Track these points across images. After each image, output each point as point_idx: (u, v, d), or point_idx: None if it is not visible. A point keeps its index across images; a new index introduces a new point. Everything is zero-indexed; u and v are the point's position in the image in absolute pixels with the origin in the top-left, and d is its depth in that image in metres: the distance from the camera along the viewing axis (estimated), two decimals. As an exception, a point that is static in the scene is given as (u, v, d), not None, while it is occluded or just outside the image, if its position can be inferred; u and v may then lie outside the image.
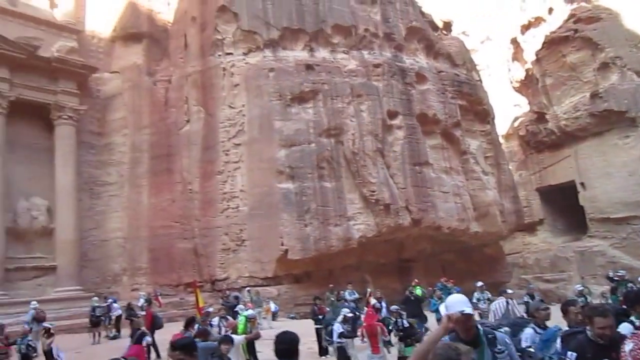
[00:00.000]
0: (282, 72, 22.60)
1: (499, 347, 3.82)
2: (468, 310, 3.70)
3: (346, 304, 16.02)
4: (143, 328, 11.56)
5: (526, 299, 15.31)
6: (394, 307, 12.94)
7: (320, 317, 14.36)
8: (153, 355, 14.36)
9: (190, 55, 24.61)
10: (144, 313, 19.06)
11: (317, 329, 13.95)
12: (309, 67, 23.07)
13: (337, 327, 11.51)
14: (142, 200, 24.35)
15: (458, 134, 26.40)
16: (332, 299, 17.85)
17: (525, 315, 10.56)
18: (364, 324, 11.95)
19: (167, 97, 25.10)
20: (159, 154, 24.49)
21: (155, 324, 14.78)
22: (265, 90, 22.32)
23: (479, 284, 17.10)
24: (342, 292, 18.59)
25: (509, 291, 14.14)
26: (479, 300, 16.08)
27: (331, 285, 19.66)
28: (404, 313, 12.63)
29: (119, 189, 24.78)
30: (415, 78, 25.58)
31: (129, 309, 17.81)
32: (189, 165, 23.58)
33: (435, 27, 30.40)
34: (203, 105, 23.65)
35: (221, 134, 22.71)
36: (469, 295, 16.23)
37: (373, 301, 16.46)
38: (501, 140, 33.73)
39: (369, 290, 19.10)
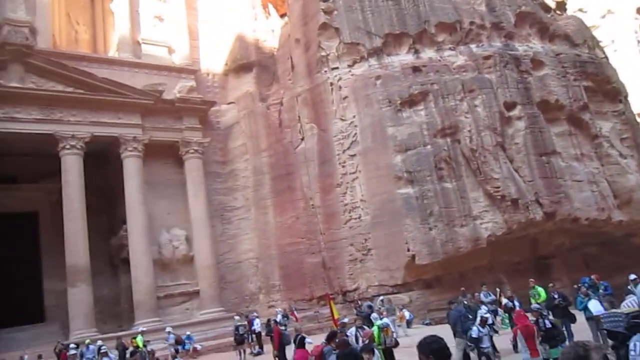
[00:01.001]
0: (389, 78, 22.52)
1: None
2: None
3: (459, 307, 15.20)
4: (303, 334, 11.96)
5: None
6: (535, 306, 12.14)
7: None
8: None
9: (298, 76, 25.42)
10: (282, 328, 19.74)
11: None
12: (415, 69, 22.77)
13: (475, 331, 11.08)
14: (269, 220, 25.43)
15: (586, 117, 24.51)
16: (465, 302, 17.13)
17: None
18: (518, 325, 11.25)
19: (281, 119, 26.12)
20: (279, 174, 25.47)
21: (282, 341, 15.28)
22: (374, 98, 22.36)
23: (633, 276, 15.41)
24: (477, 294, 17.80)
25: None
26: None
27: (463, 289, 18.90)
28: (546, 312, 11.80)
29: (246, 212, 26.12)
30: (530, 65, 24.25)
31: (268, 326, 18.42)
32: (308, 181, 24.21)
33: (547, 9, 28.61)
34: (315, 121, 24.23)
35: (336, 147, 23.08)
36: (620, 290, 14.73)
37: (504, 300, 15.60)
38: (638, 119, 30.67)
39: (497, 290, 18.16)
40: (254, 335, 19.29)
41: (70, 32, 27.85)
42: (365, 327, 13.69)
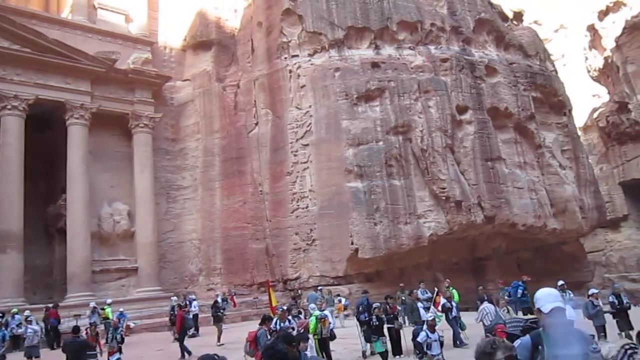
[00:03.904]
0: (348, 71, 22.61)
1: (594, 346, 3.59)
2: (559, 305, 3.50)
3: (420, 303, 15.65)
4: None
5: (612, 299, 14.49)
6: (376, 304, 12.77)
7: (392, 316, 14.13)
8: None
9: (257, 59, 25.11)
10: (222, 312, 19.65)
11: (389, 328, 13.76)
12: (374, 65, 22.95)
13: (422, 336, 10.39)
14: (215, 203, 25.11)
15: (532, 127, 25.44)
16: (404, 298, 17.55)
17: None
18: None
19: (236, 101, 25.75)
20: (230, 157, 25.19)
21: (184, 325, 15.53)
22: (331, 90, 22.40)
23: (560, 282, 16.30)
24: (415, 291, 18.27)
25: (594, 291, 13.54)
26: (560, 300, 15.28)
27: (402, 285, 19.40)
28: (382, 315, 12.49)
29: (193, 192, 25.71)
30: (485, 71, 24.90)
31: (215, 307, 18.18)
32: (259, 167, 24.08)
33: (505, 18, 29.41)
34: (271, 107, 24.06)
35: (289, 135, 23.01)
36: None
37: (443, 301, 16.04)
38: (579, 132, 32.12)
39: (436, 289, 18.64)
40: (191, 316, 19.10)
41: (21, -13, 26.41)
42: (301, 316, 13.87)
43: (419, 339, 10.37)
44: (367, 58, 23.12)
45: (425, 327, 10.63)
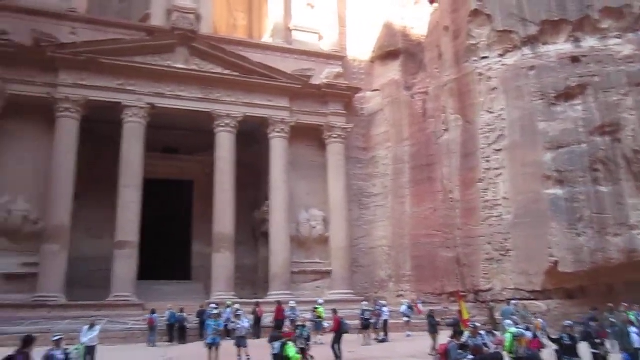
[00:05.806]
0: (544, 69, 21.04)
1: None
2: None
3: (633, 328, 13.73)
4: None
5: None
6: (567, 322, 11.47)
7: (599, 340, 12.72)
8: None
9: (445, 65, 24.75)
10: (407, 319, 19.77)
11: (594, 354, 12.43)
12: (574, 59, 20.96)
13: None
14: (405, 210, 25.41)
15: None
16: (613, 320, 15.54)
17: None
18: None
19: (425, 108, 25.72)
20: (419, 164, 25.26)
21: (341, 330, 15.63)
22: (525, 90, 21.10)
23: None
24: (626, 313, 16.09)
25: None
26: None
27: (610, 305, 17.20)
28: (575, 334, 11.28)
29: (383, 199, 26.37)
30: None
31: (430, 317, 17.80)
32: (449, 173, 23.65)
33: None
34: (460, 112, 23.50)
35: (481, 140, 22.21)
36: None
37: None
38: None
39: None
40: (382, 322, 19.42)
41: (229, 18, 29.90)
42: (497, 332, 13.19)
43: None
44: (566, 53, 21.21)
45: None
